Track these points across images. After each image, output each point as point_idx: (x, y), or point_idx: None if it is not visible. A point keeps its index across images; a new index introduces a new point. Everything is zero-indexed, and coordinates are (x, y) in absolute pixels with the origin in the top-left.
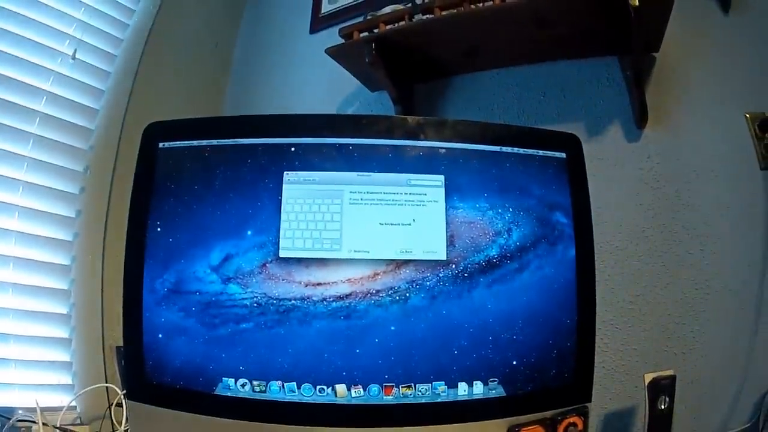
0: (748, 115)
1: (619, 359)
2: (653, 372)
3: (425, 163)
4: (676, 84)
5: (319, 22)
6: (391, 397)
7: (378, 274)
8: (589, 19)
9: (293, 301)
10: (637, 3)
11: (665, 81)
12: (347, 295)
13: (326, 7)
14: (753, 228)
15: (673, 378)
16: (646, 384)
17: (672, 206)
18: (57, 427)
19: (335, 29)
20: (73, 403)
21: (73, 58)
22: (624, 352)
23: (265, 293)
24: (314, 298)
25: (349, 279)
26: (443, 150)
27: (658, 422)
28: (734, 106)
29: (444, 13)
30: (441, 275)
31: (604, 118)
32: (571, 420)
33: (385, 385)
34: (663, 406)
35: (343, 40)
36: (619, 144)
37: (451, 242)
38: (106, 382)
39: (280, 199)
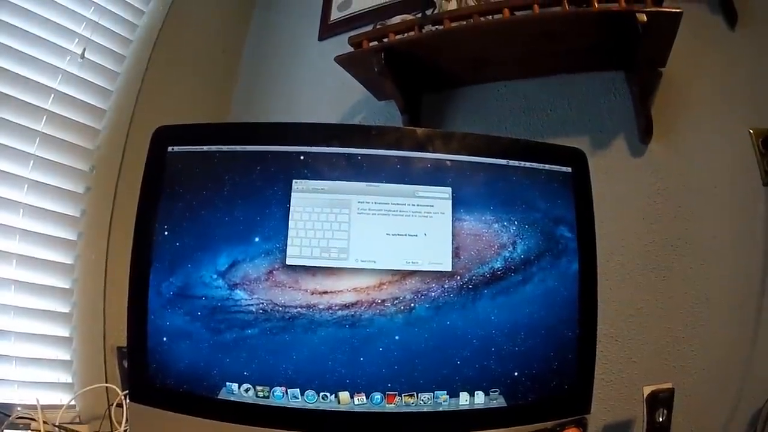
0: (752, 131)
1: (618, 371)
2: (652, 384)
3: (433, 175)
4: (682, 99)
5: (327, 30)
6: (393, 405)
7: (384, 284)
8: (596, 34)
9: (299, 309)
10: (645, 19)
11: (671, 96)
12: (353, 304)
13: (335, 15)
14: (754, 243)
15: (671, 391)
16: (645, 396)
17: (674, 221)
18: (56, 426)
19: (344, 37)
20: (73, 402)
21: (82, 57)
22: (623, 365)
23: (270, 300)
24: (320, 306)
25: (355, 288)
26: (451, 162)
27: None
28: (738, 122)
29: (453, 24)
30: (446, 286)
31: (610, 133)
32: (571, 431)
33: (388, 394)
34: (661, 419)
35: (352, 49)
36: (624, 159)
37: (456, 254)
38: (106, 382)
39: (288, 207)
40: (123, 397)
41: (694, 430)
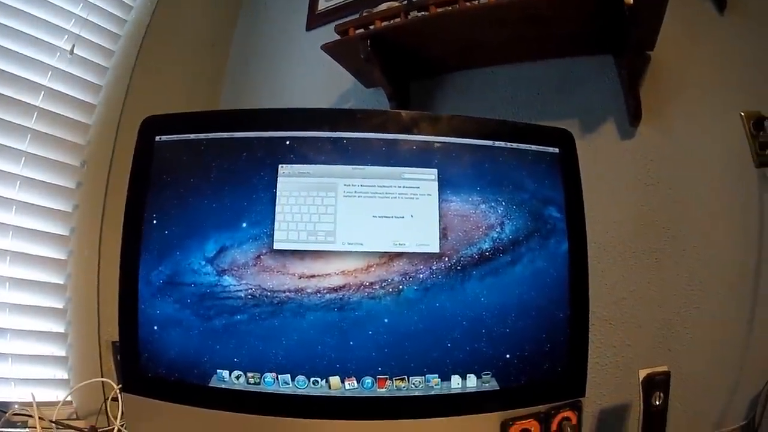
0: (742, 114)
1: (613, 355)
2: (648, 368)
3: (419, 157)
4: (671, 82)
5: (315, 20)
6: (384, 389)
7: (371, 267)
8: (583, 17)
9: (287, 293)
10: (631, 1)
11: (660, 79)
12: (341, 287)
13: (323, 5)
14: (747, 224)
15: (667, 374)
16: (641, 380)
17: (666, 203)
18: (53, 422)
19: (331, 26)
20: (69, 398)
21: (71, 53)
22: (618, 348)
23: (259, 285)
24: (308, 290)
25: (342, 271)
26: (437, 144)
27: (652, 418)
28: (729, 105)
29: (439, 10)
30: (434, 268)
31: (599, 116)
32: (565, 414)
33: (379, 378)
34: (657, 402)
35: (338, 37)
36: (613, 142)
37: (444, 235)
38: (102, 377)
39: (275, 192)
40: (118, 391)
41: (691, 414)
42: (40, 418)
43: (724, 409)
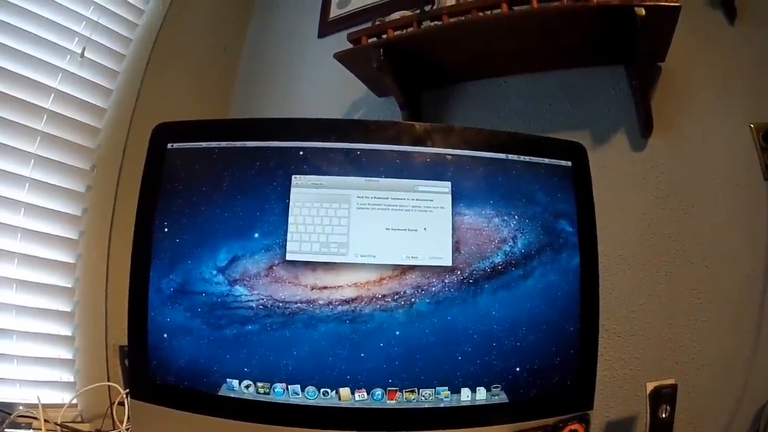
0: (752, 126)
1: (621, 368)
2: (655, 381)
3: (432, 170)
4: (682, 94)
5: (327, 27)
6: (394, 401)
7: (384, 279)
8: (595, 29)
9: (299, 304)
10: (643, 13)
11: (671, 91)
12: (353, 299)
13: (335, 12)
14: (756, 238)
15: (674, 387)
16: (648, 392)
17: (675, 215)
18: (58, 424)
19: (343, 34)
20: (75, 401)
21: (82, 56)
22: (626, 361)
23: (270, 295)
24: (320, 302)
25: (355, 283)
26: (450, 157)
27: (658, 431)
28: (739, 117)
29: (452, 20)
30: (446, 281)
31: (610, 127)
32: (573, 427)
33: (389, 390)
34: (664, 415)
35: (351, 45)
36: (624, 153)
37: (456, 248)
38: (108, 381)
39: (288, 202)
40: (125, 396)
41: (697, 427)
42: (45, 420)
43: (729, 422)
